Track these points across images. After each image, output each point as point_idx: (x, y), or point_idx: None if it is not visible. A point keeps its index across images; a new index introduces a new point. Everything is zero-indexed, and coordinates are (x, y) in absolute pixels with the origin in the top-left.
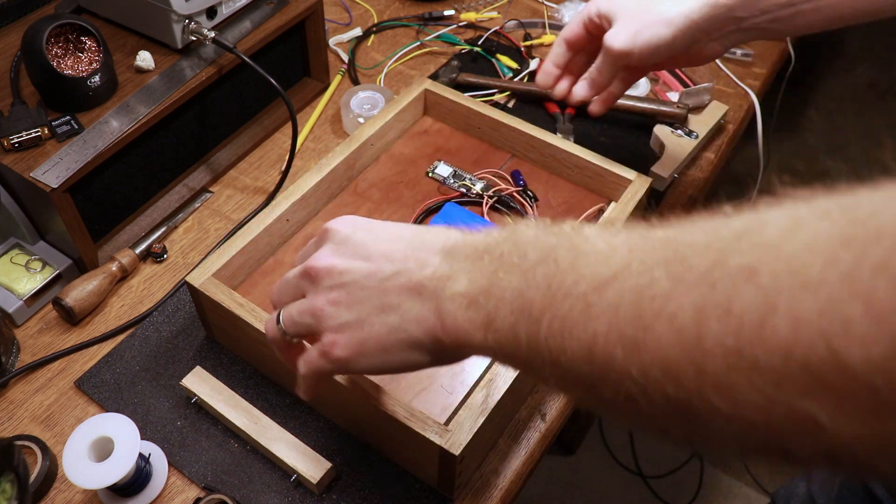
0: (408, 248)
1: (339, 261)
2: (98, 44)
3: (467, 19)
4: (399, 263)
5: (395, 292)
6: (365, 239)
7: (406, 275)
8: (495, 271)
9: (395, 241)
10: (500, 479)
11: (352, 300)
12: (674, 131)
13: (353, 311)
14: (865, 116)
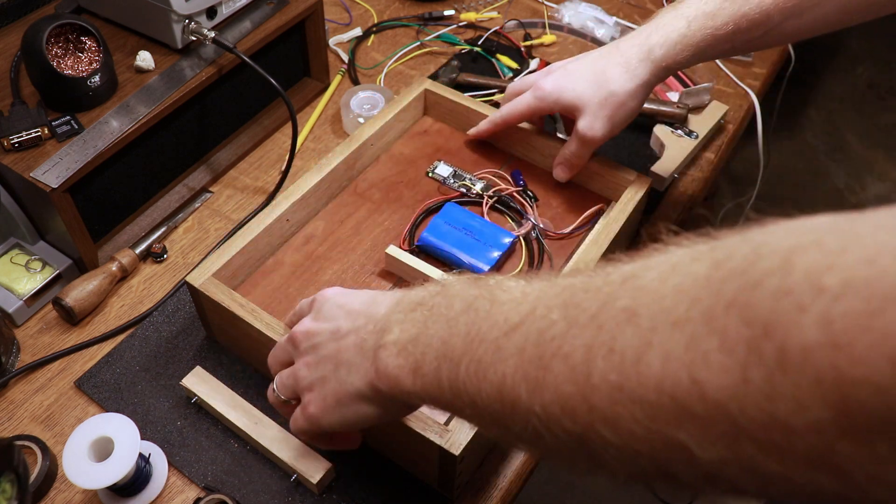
0: (362, 306)
1: (313, 325)
2: (98, 44)
3: (467, 19)
4: (352, 321)
5: (347, 349)
6: (338, 302)
7: (356, 332)
8: (425, 321)
9: (358, 303)
10: (500, 479)
11: (318, 360)
12: (674, 131)
13: (319, 370)
14: (865, 116)
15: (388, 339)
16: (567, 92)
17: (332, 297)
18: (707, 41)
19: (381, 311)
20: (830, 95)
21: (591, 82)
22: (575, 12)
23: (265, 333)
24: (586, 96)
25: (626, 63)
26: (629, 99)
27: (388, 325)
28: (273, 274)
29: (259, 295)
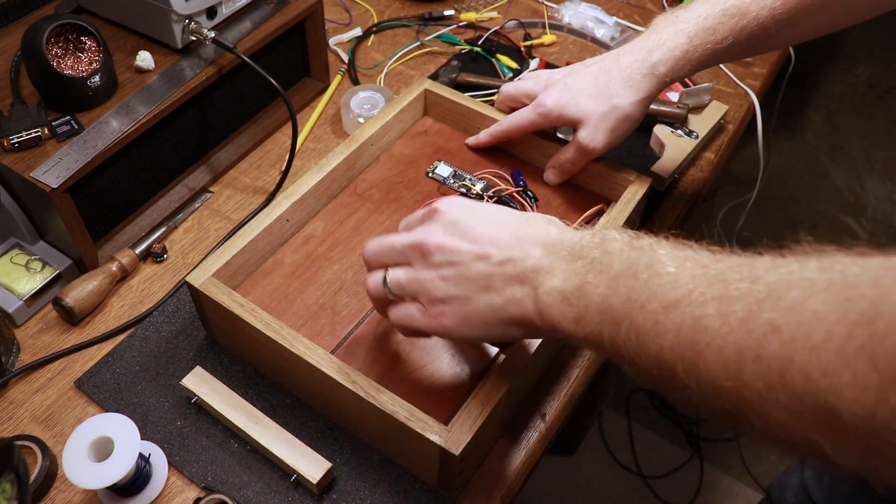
0: (512, 239)
1: (449, 240)
2: (98, 44)
3: (467, 19)
4: (504, 251)
5: (500, 277)
6: (473, 223)
7: (511, 263)
8: (585, 274)
9: (501, 229)
10: (500, 479)
11: (459, 278)
12: (674, 131)
13: (461, 288)
14: (865, 116)
15: (552, 286)
16: (570, 107)
17: (463, 211)
18: (707, 55)
19: (535, 252)
20: (830, 95)
21: (594, 97)
22: (575, 12)
23: (265, 333)
24: (589, 109)
25: (629, 78)
26: (633, 112)
27: (549, 269)
28: (273, 274)
29: (259, 295)
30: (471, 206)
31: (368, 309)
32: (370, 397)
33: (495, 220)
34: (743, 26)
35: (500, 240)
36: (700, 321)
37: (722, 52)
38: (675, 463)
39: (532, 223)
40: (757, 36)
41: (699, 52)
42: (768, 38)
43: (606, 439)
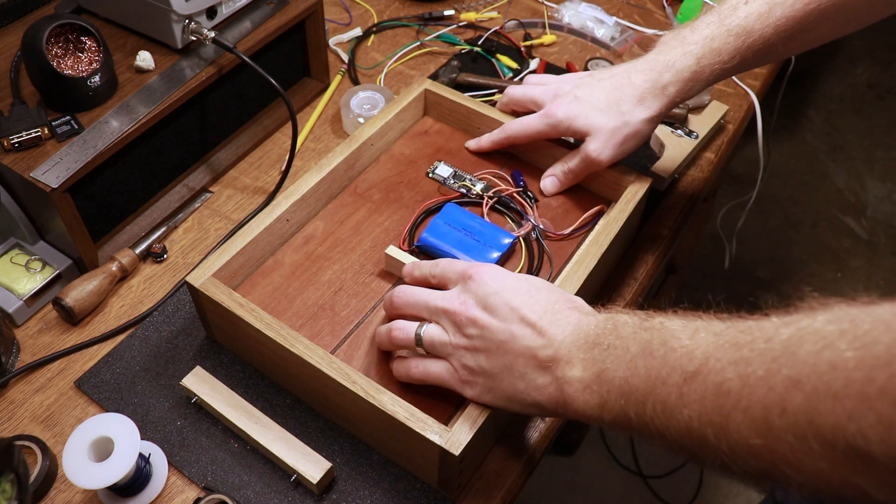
0: (539, 323)
1: (481, 315)
2: (98, 44)
3: (467, 19)
4: (530, 338)
5: (524, 362)
6: (508, 302)
7: (534, 351)
8: (604, 361)
9: (531, 311)
10: (500, 479)
11: (487, 353)
12: (674, 131)
13: (487, 363)
14: (865, 116)
15: (573, 376)
16: (580, 119)
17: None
18: (715, 74)
19: (557, 340)
20: (830, 95)
21: (605, 111)
22: (575, 12)
23: (265, 333)
24: (600, 123)
25: (640, 97)
26: (643, 129)
27: (569, 358)
28: (273, 274)
29: (259, 295)
30: (505, 282)
31: (368, 309)
32: (370, 397)
33: (526, 302)
34: (749, 45)
35: (528, 321)
36: (722, 387)
37: (729, 71)
38: (675, 463)
39: (558, 308)
40: (762, 52)
41: (707, 73)
42: (773, 53)
43: (606, 439)
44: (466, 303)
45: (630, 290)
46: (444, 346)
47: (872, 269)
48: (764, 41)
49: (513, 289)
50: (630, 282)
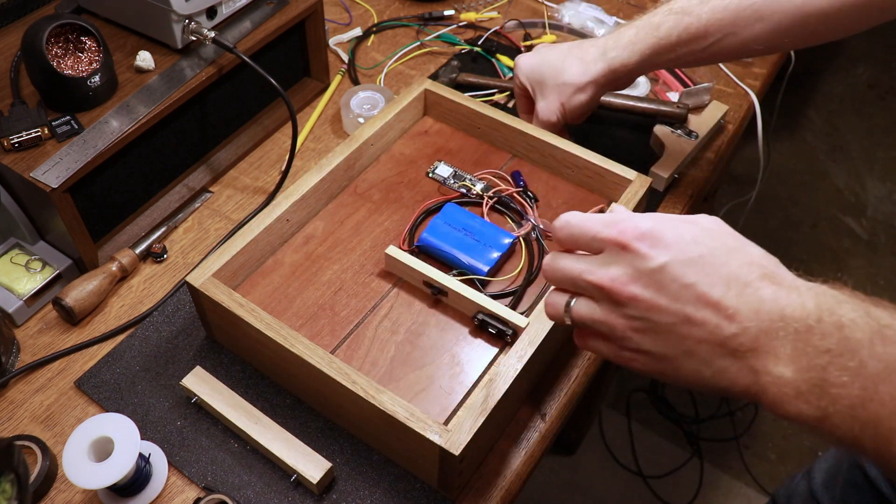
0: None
1: (644, 293)
2: (98, 44)
3: (467, 19)
4: (712, 318)
5: (707, 348)
6: (673, 274)
7: (718, 336)
8: (825, 369)
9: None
10: (500, 479)
11: (656, 336)
12: (674, 131)
13: (658, 346)
14: (865, 116)
15: (779, 374)
16: (534, 73)
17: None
18: (652, 48)
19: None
20: (830, 95)
21: (553, 67)
22: (575, 12)
23: (265, 333)
24: (547, 78)
25: (583, 59)
26: (579, 91)
27: (770, 349)
28: (273, 274)
29: (259, 295)
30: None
31: (368, 309)
32: (370, 397)
33: (702, 275)
34: (685, 25)
35: (706, 301)
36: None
37: (666, 49)
38: (675, 463)
39: (747, 279)
40: (698, 38)
41: (643, 45)
42: (711, 45)
43: (606, 439)
44: (621, 278)
45: None
46: (597, 325)
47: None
48: (700, 23)
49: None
50: None
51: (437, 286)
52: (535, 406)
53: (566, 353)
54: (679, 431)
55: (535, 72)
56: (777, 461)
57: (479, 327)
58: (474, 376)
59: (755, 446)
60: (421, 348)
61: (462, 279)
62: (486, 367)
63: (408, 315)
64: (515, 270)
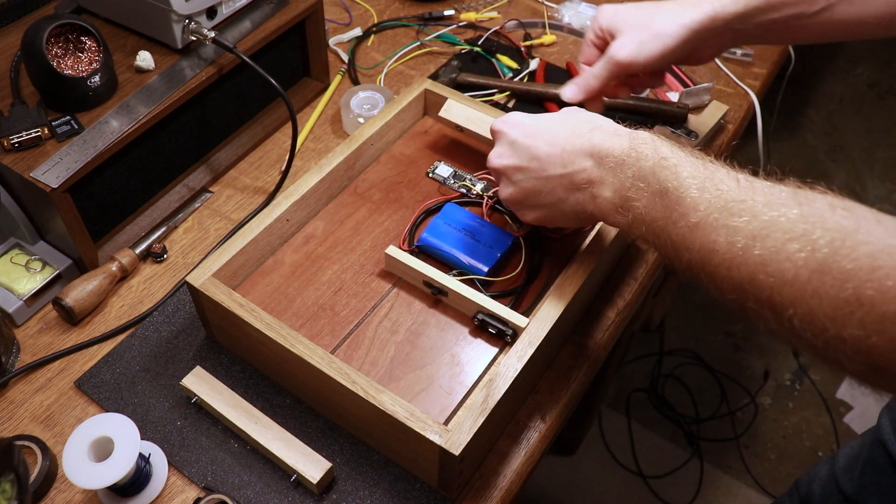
0: (564, 154)
1: (511, 161)
2: (98, 44)
3: (467, 19)
4: (560, 167)
5: (562, 188)
6: (529, 143)
7: (567, 178)
8: (629, 189)
9: (553, 145)
10: (500, 479)
11: (529, 192)
12: (674, 131)
13: (531, 199)
14: (865, 116)
15: (605, 196)
16: (620, 14)
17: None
18: (753, 5)
19: (586, 163)
20: (830, 95)
21: (643, 13)
22: (575, 12)
23: (265, 333)
24: (631, 20)
25: (679, 4)
26: (668, 30)
27: (600, 179)
28: (273, 274)
29: (259, 295)
30: (526, 127)
31: (368, 309)
32: (370, 397)
33: (548, 137)
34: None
35: (556, 156)
36: (713, 244)
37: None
38: (675, 463)
39: (578, 133)
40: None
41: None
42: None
43: (606, 439)
44: (497, 156)
45: (630, 289)
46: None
47: None
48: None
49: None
50: (630, 282)
51: (437, 286)
52: (535, 406)
53: (566, 353)
54: (679, 431)
55: (622, 15)
56: (777, 461)
57: (479, 327)
58: (474, 376)
59: (755, 446)
60: (421, 348)
61: (462, 279)
62: (486, 367)
63: (408, 315)
64: (515, 270)
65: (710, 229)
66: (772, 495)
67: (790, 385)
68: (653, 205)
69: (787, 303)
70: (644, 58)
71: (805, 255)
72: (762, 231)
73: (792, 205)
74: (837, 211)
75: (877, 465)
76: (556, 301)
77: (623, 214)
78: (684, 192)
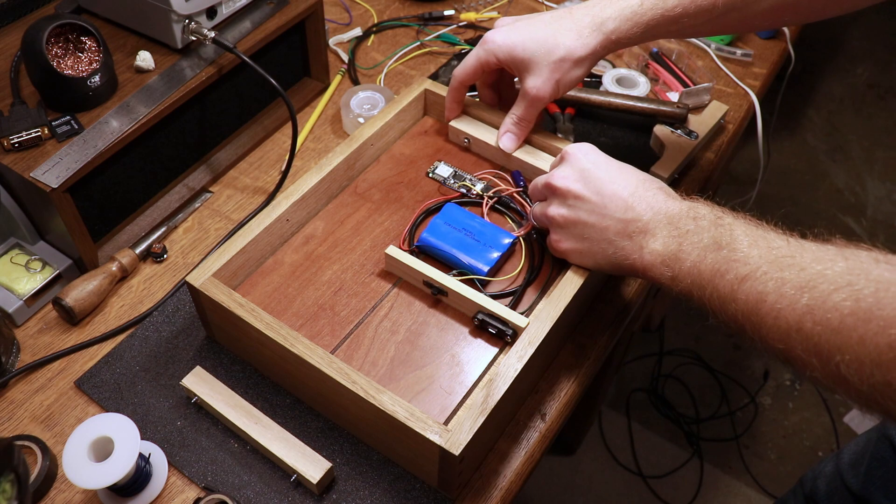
0: (630, 199)
1: (576, 187)
2: (98, 44)
3: (467, 19)
4: (622, 211)
5: (613, 231)
6: (600, 177)
7: (623, 223)
8: (681, 243)
9: (622, 188)
10: (500, 479)
11: (579, 221)
12: (674, 131)
13: (577, 230)
14: (865, 116)
15: (654, 248)
16: (518, 48)
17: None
18: (656, 20)
19: (646, 215)
20: (830, 95)
21: (542, 43)
22: None
23: (265, 333)
24: (538, 56)
25: (578, 30)
26: (577, 65)
27: (654, 232)
28: (273, 274)
29: (259, 295)
30: (600, 161)
31: (368, 309)
32: (370, 397)
33: (617, 179)
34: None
35: (620, 198)
36: (762, 295)
37: (671, 20)
38: (675, 463)
39: (646, 187)
40: (705, 11)
41: (648, 16)
42: (716, 18)
43: (606, 439)
44: (563, 176)
45: (630, 289)
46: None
47: None
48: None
49: (604, 165)
50: (630, 282)
51: (437, 286)
52: (535, 406)
53: (566, 353)
54: (679, 431)
55: (520, 49)
56: (777, 461)
57: (479, 327)
58: (474, 376)
59: (755, 446)
60: (421, 348)
61: (462, 279)
62: (486, 367)
63: (408, 315)
64: (515, 270)
65: (759, 282)
66: (772, 495)
67: (790, 385)
68: (703, 258)
69: (833, 350)
70: (562, 92)
71: (850, 304)
72: (809, 283)
73: (838, 259)
74: (881, 264)
75: (883, 460)
76: (556, 301)
77: (669, 267)
78: (737, 245)
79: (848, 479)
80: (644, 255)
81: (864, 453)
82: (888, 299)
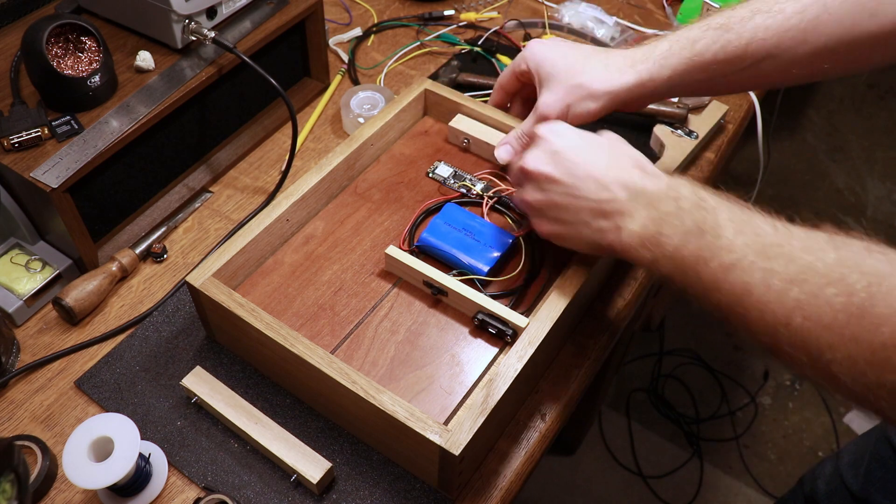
0: (604, 178)
1: (549, 170)
2: (98, 44)
3: (467, 19)
4: (595, 191)
5: (588, 211)
6: (571, 157)
7: (598, 203)
8: (661, 225)
9: (594, 167)
10: (500, 479)
11: (552, 204)
12: (674, 131)
13: (553, 212)
14: (865, 116)
15: (632, 229)
16: (547, 62)
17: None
18: (685, 65)
19: (621, 194)
20: (830, 95)
21: (570, 66)
22: (575, 12)
23: (265, 333)
24: (560, 75)
25: (607, 65)
26: (591, 98)
27: (630, 211)
28: (273, 274)
29: (259, 295)
30: (571, 141)
31: (368, 309)
32: (370, 397)
33: (590, 158)
34: (725, 42)
35: (593, 178)
36: (748, 286)
37: (700, 67)
38: (675, 463)
39: (621, 165)
40: (737, 58)
41: (676, 59)
42: (748, 67)
43: (606, 439)
44: (535, 160)
45: (630, 290)
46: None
47: None
48: (740, 44)
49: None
50: (630, 282)
51: (437, 286)
52: (535, 406)
53: (566, 353)
54: (679, 431)
55: (550, 63)
56: (777, 461)
57: (479, 327)
58: (474, 376)
59: (755, 446)
60: (421, 348)
61: (462, 279)
62: (486, 367)
63: (408, 315)
64: (515, 270)
65: (745, 272)
66: (772, 495)
67: (790, 385)
68: (685, 243)
69: (824, 347)
70: (570, 119)
71: (843, 299)
72: (799, 275)
73: (828, 249)
74: (874, 255)
75: (883, 461)
76: (556, 301)
77: (649, 250)
78: (721, 231)
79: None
80: (622, 235)
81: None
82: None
